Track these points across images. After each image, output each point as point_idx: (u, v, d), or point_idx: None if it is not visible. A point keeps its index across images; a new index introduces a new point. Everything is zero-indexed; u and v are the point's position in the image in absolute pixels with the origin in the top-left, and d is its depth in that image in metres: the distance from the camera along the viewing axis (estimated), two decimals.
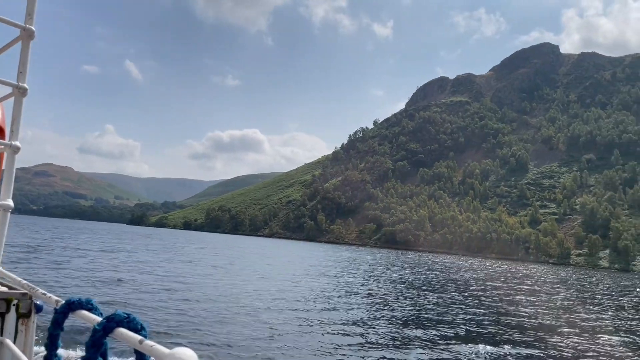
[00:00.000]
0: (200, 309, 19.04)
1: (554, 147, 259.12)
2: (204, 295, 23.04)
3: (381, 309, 23.32)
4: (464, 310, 25.41)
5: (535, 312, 27.19)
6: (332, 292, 28.55)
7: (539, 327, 21.74)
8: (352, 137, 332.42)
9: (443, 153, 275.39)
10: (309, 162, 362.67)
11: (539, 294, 39.80)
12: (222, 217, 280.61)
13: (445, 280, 46.53)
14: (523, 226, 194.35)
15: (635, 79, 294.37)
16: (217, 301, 21.63)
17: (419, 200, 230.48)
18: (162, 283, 25.94)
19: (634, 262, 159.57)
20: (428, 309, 24.87)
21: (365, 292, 30.49)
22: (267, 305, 21.89)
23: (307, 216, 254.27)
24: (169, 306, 18.94)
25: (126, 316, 1.67)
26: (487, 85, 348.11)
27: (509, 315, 25.40)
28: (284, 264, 55.75)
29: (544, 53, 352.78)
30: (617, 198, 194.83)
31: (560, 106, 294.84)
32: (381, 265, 66.30)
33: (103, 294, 20.14)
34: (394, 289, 33.22)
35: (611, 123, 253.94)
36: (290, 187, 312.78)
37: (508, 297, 35.06)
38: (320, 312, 21.34)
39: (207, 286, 26.58)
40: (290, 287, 29.58)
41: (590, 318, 26.22)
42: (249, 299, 23.38)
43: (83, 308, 1.91)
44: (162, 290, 23.28)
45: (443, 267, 76.54)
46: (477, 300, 30.16)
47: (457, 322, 21.01)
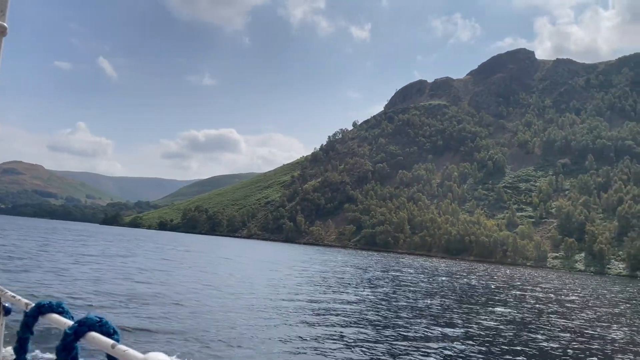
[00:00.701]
0: (177, 312, 19.10)
1: (530, 151, 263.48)
2: (181, 298, 22.95)
3: (364, 314, 23.36)
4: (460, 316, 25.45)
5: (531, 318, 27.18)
6: (314, 296, 28.40)
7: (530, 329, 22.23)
8: (332, 138, 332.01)
9: (422, 155, 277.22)
10: (288, 163, 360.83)
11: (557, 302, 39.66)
12: (199, 218, 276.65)
13: (447, 288, 45.92)
14: (501, 229, 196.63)
15: (609, 85, 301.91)
16: (194, 305, 21.59)
17: (399, 202, 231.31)
18: (138, 285, 25.80)
19: (609, 266, 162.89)
20: (413, 313, 24.96)
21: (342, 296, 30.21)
22: (245, 307, 22.18)
23: (286, 217, 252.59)
24: (145, 310, 18.87)
25: (98, 320, 1.63)
26: (464, 89, 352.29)
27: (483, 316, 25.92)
28: (265, 266, 55.57)
29: (520, 59, 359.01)
30: (591, 202, 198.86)
31: (535, 111, 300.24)
32: (362, 268, 65.77)
33: (77, 296, 19.87)
34: (376, 293, 32.88)
35: (585, 129, 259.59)
36: (269, 188, 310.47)
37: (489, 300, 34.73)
38: (297, 313, 21.70)
39: (185, 289, 26.46)
40: (269, 290, 29.82)
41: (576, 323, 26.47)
42: (227, 302, 23.48)
43: (54, 311, 1.87)
44: (139, 293, 23.09)
45: (442, 272, 76.50)
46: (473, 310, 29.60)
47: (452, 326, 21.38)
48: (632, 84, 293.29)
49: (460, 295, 38.23)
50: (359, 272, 56.39)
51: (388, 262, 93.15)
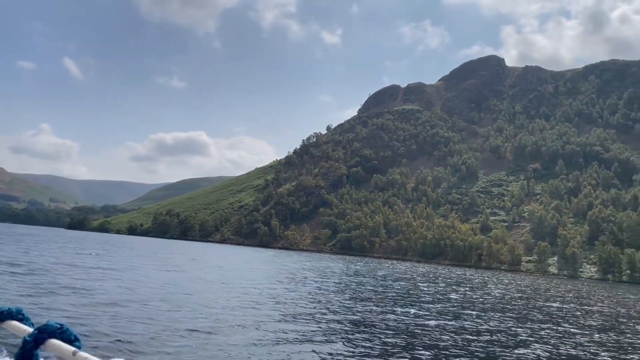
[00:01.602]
0: (143, 318, 19.08)
1: (501, 156, 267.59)
2: (148, 304, 22.82)
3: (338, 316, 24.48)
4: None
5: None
6: (291, 301, 29.08)
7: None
8: (306, 142, 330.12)
9: (396, 160, 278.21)
10: (261, 167, 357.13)
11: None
12: (170, 222, 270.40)
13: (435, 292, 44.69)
14: (475, 233, 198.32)
15: (576, 92, 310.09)
16: (163, 310, 21.48)
17: (374, 207, 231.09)
18: (104, 291, 25.89)
19: (581, 269, 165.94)
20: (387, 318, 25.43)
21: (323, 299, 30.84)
22: (212, 311, 22.50)
23: (261, 221, 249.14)
24: (110, 316, 18.85)
25: (59, 326, 1.59)
26: (437, 95, 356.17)
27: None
28: (238, 271, 55.56)
29: (491, 65, 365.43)
30: (563, 206, 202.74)
31: (506, 117, 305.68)
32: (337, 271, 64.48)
33: (39, 303, 19.57)
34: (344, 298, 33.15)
35: (555, 134, 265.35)
36: (242, 192, 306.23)
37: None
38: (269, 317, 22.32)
39: (152, 294, 26.45)
40: (239, 294, 30.28)
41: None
42: (195, 306, 23.59)
43: (13, 318, 1.84)
44: (105, 299, 23.12)
45: (431, 276, 75.67)
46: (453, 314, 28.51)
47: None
48: (598, 91, 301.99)
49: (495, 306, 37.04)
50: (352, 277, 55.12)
51: (376, 267, 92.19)
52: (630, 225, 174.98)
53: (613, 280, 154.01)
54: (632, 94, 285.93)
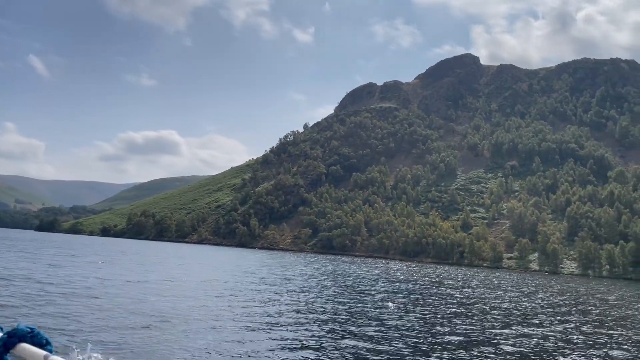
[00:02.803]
0: (119, 321, 19.29)
1: (479, 153, 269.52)
2: (122, 306, 23.03)
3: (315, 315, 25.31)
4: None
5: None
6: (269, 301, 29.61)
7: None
8: (283, 140, 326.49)
9: (375, 158, 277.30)
10: (237, 166, 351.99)
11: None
12: (146, 223, 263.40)
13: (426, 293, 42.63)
14: (456, 230, 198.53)
15: (550, 90, 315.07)
16: (139, 313, 21.67)
17: (354, 205, 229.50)
18: (79, 294, 25.96)
19: (562, 265, 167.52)
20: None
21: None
22: (192, 313, 23.09)
23: (239, 221, 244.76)
24: (84, 319, 18.95)
25: (29, 330, 1.56)
26: (413, 93, 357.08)
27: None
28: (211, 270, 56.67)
29: (467, 64, 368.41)
30: (541, 203, 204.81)
31: (483, 115, 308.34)
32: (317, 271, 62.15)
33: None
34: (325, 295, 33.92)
35: (531, 132, 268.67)
36: (219, 191, 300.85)
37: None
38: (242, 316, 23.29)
39: (127, 297, 26.59)
40: (216, 294, 30.94)
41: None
42: (172, 309, 23.79)
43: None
44: (78, 301, 23.17)
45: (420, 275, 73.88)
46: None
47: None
48: (572, 89, 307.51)
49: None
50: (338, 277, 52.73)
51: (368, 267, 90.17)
52: (608, 221, 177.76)
53: (593, 276, 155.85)
54: (604, 91, 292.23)
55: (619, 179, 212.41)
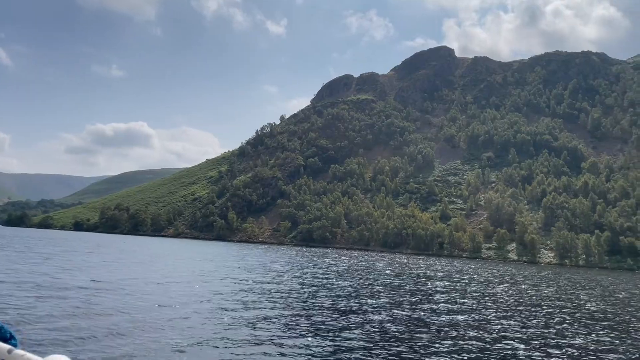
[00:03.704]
0: (85, 317, 19.19)
1: (456, 145, 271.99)
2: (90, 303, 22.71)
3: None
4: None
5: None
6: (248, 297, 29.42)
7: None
8: (260, 132, 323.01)
9: (353, 150, 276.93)
10: (213, 158, 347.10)
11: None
12: (120, 217, 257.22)
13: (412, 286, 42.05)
14: (435, 222, 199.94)
15: (524, 83, 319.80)
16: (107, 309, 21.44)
17: (334, 197, 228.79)
18: (43, 287, 25.95)
19: (539, 255, 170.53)
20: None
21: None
22: (162, 311, 22.57)
23: (217, 214, 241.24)
24: (51, 314, 18.98)
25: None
26: (389, 85, 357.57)
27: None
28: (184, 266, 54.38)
29: (442, 56, 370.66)
30: (518, 194, 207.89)
31: (459, 107, 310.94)
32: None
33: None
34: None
35: (506, 124, 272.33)
36: (195, 184, 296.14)
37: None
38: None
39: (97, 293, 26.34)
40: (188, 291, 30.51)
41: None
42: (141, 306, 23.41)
43: None
44: (46, 296, 23.07)
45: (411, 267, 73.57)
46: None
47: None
48: (545, 82, 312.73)
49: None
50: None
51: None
52: (583, 211, 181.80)
53: (570, 265, 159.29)
54: (576, 84, 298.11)
55: (592, 170, 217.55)
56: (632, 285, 71.68)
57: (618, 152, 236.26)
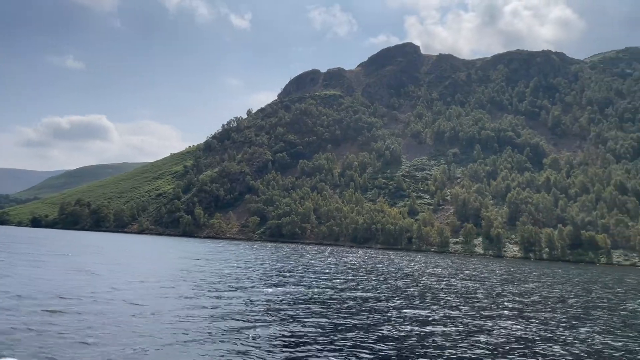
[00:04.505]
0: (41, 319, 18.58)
1: (422, 141, 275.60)
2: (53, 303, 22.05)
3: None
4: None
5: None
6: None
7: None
8: (226, 126, 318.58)
9: (321, 145, 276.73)
10: (177, 152, 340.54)
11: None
12: (81, 213, 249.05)
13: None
14: (404, 216, 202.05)
15: (487, 80, 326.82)
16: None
17: (302, 193, 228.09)
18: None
19: (505, 249, 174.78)
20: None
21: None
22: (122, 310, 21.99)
23: (183, 210, 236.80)
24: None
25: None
26: (357, 81, 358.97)
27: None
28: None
29: (408, 52, 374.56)
30: (483, 189, 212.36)
31: (425, 103, 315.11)
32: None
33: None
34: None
35: (470, 120, 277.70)
36: (159, 179, 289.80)
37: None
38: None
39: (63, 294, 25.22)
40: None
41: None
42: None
43: None
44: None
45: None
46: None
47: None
48: (507, 79, 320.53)
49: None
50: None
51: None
52: (546, 206, 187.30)
53: (534, 259, 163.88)
54: (537, 82, 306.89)
55: (553, 166, 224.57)
56: (590, 277, 74.08)
57: (577, 149, 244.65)
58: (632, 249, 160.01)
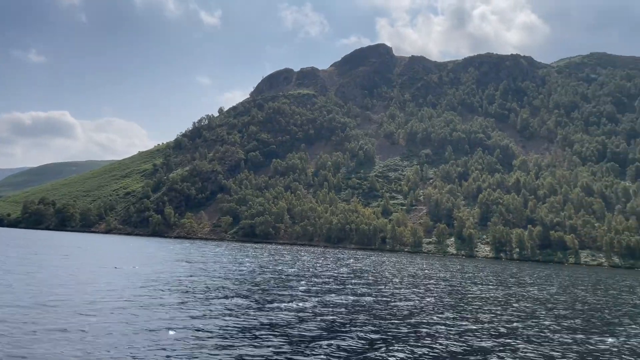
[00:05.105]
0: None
1: (395, 142, 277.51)
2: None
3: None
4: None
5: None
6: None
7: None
8: (197, 124, 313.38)
9: (294, 144, 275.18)
10: (146, 150, 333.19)
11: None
12: (45, 212, 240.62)
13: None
14: (378, 217, 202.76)
15: (458, 83, 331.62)
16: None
17: (276, 192, 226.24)
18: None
19: (477, 249, 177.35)
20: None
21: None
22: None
23: (152, 209, 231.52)
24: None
25: None
26: (330, 80, 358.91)
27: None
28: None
29: (381, 53, 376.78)
30: (455, 190, 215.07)
31: (397, 104, 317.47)
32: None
33: None
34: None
35: (442, 122, 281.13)
36: (127, 177, 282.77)
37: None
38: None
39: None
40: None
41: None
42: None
43: None
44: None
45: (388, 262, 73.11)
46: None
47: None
48: (478, 82, 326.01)
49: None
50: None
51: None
52: (516, 207, 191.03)
53: (505, 259, 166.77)
54: (506, 85, 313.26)
55: (523, 168, 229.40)
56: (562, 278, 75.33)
57: (545, 151, 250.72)
58: (598, 250, 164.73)
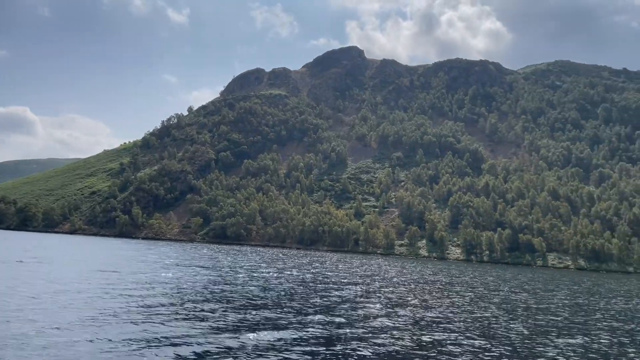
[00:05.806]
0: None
1: (367, 144, 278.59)
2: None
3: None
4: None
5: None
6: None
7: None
8: (166, 123, 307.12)
9: (266, 145, 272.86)
10: (113, 149, 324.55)
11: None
12: (6, 211, 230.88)
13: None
14: (350, 219, 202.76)
15: (428, 87, 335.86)
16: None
17: (248, 193, 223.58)
18: None
19: (448, 251, 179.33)
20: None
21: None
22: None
23: (119, 209, 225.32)
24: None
25: None
26: (302, 81, 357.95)
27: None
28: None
29: (353, 56, 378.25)
30: (426, 193, 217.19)
31: (369, 107, 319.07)
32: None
33: None
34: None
35: (413, 125, 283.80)
36: (93, 176, 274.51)
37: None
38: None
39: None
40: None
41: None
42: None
43: None
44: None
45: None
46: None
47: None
48: (447, 87, 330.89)
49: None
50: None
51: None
52: (486, 210, 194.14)
53: (476, 261, 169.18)
54: (475, 90, 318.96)
55: (491, 172, 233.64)
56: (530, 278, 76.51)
57: (513, 156, 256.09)
58: (565, 252, 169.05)
